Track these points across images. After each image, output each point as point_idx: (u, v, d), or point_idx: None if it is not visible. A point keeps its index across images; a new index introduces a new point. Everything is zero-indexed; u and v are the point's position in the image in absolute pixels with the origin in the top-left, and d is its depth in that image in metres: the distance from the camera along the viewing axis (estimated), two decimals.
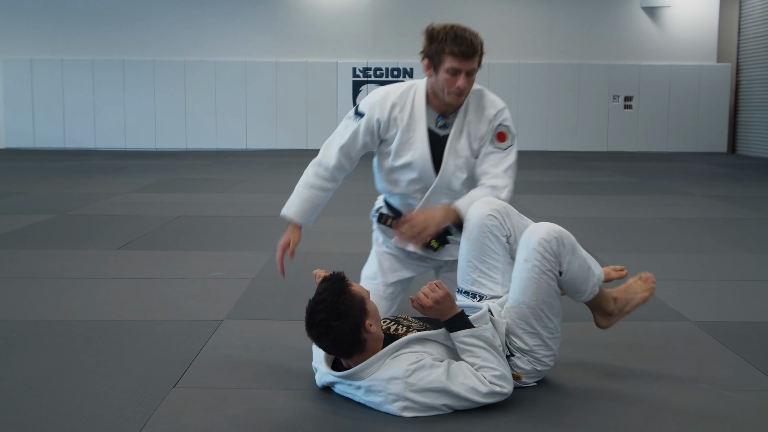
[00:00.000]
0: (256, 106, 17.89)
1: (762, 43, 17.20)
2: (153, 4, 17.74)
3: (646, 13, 18.07)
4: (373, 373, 2.81)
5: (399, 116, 3.48)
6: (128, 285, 4.88)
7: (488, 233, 3.19)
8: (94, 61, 17.68)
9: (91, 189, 9.87)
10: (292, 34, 17.92)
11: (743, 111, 18.11)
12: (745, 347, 3.65)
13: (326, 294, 2.80)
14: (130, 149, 17.71)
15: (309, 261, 5.53)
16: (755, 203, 8.93)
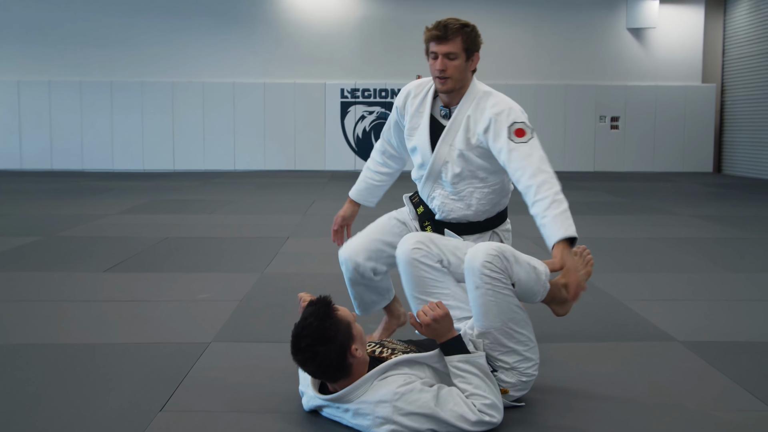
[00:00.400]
0: (244, 127, 17.90)
1: (746, 63, 17.35)
2: (141, 26, 17.76)
3: (631, 34, 18.20)
4: (361, 395, 2.79)
5: (411, 103, 3.70)
6: (115, 307, 4.86)
7: (419, 265, 3.25)
8: (81, 82, 17.67)
9: (78, 210, 9.84)
10: (281, 56, 17.97)
11: (728, 131, 18.23)
12: (733, 367, 3.66)
13: (312, 319, 2.78)
14: (118, 170, 17.67)
15: (297, 282, 5.53)
16: (742, 222, 8.97)
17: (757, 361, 3.79)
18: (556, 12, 18.11)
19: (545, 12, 18.06)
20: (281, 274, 5.91)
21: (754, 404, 3.20)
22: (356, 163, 17.98)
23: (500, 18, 18.03)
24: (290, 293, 5.19)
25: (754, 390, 3.34)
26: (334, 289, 5.16)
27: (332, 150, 18.00)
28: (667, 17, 18.10)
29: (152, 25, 17.78)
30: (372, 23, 17.96)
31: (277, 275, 5.85)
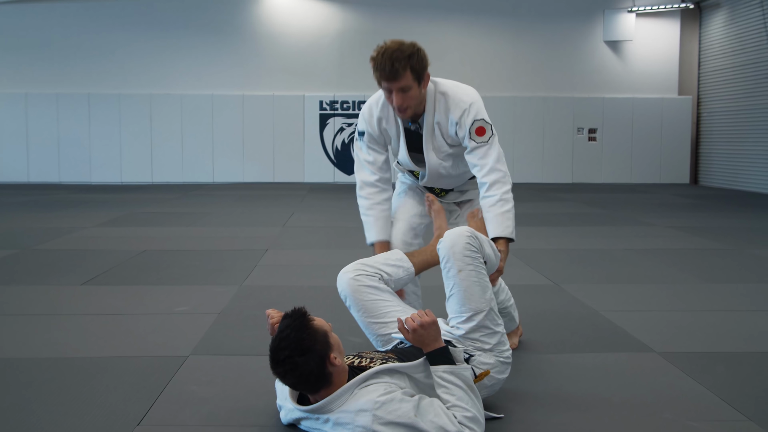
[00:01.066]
0: (222, 140, 17.86)
1: (722, 76, 17.52)
2: (119, 38, 17.70)
3: (608, 47, 18.34)
4: (341, 405, 2.78)
5: (387, 127, 3.89)
6: (92, 321, 4.83)
7: (363, 289, 3.40)
8: (59, 94, 17.59)
9: (55, 223, 9.77)
10: (259, 68, 17.97)
11: (705, 142, 18.39)
12: (709, 378, 3.68)
13: (289, 330, 2.77)
14: (95, 183, 17.58)
15: (276, 295, 5.52)
16: (718, 233, 9.04)
17: (734, 371, 3.81)
18: (534, 25, 18.22)
19: (524, 25, 18.17)
20: (260, 286, 5.90)
21: (731, 414, 3.22)
22: (335, 175, 17.97)
23: (479, 31, 18.12)
24: (269, 306, 5.17)
25: (731, 400, 3.36)
26: (313, 302, 5.16)
27: (311, 162, 18.00)
28: (643, 30, 18.26)
29: (130, 37, 17.72)
30: (350, 35, 17.99)
31: (256, 288, 5.83)
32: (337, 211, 11.69)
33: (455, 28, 18.03)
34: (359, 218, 4.15)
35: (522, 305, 5.23)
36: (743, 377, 3.72)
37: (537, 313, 5.02)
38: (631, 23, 18.10)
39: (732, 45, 17.06)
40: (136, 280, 6.16)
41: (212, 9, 17.79)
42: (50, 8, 17.55)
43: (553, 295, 5.63)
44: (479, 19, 18.12)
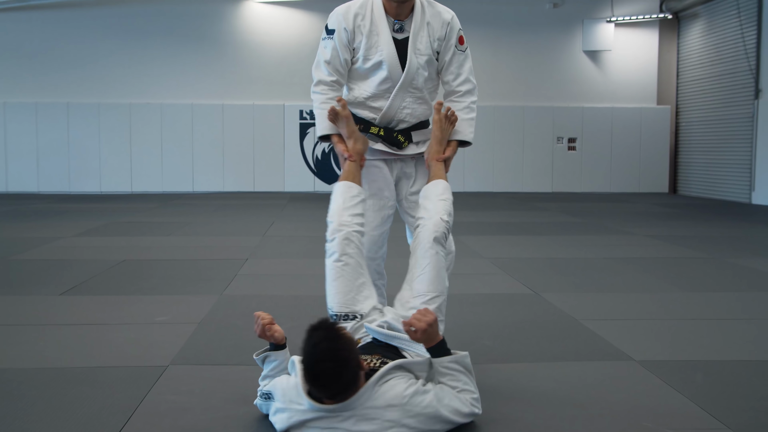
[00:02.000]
0: (202, 149, 17.82)
1: (699, 86, 17.67)
2: (98, 47, 17.64)
3: (588, 56, 18.46)
4: (366, 402, 2.85)
5: (362, 23, 3.90)
6: (71, 331, 4.79)
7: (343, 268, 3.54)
8: (37, 103, 17.49)
9: (33, 233, 9.71)
10: (239, 77, 17.95)
11: (683, 152, 18.53)
12: (689, 386, 3.70)
13: (326, 342, 2.79)
14: (74, 193, 17.49)
15: (256, 304, 5.50)
16: (696, 242, 9.10)
17: (713, 379, 3.83)
18: (514, 35, 18.31)
19: (503, 35, 18.26)
20: (240, 296, 5.88)
21: (710, 423, 3.23)
22: (315, 185, 17.96)
23: None
24: (249, 315, 5.16)
25: (710, 409, 3.38)
26: (294, 311, 5.15)
27: (291, 172, 17.98)
28: (622, 40, 18.39)
29: (109, 46, 17.66)
30: None
31: (236, 297, 5.82)
32: (317, 220, 11.66)
33: None
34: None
35: (502, 314, 5.25)
36: (722, 386, 3.74)
37: (517, 322, 5.03)
38: (610, 33, 18.23)
39: (710, 55, 17.21)
40: (115, 290, 6.13)
41: (192, 18, 17.76)
42: (29, 17, 17.47)
43: (533, 304, 5.64)
44: None
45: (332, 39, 3.92)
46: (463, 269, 6.79)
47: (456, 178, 17.87)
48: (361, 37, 3.89)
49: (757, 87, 15.29)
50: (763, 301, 5.84)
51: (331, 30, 3.94)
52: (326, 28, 3.98)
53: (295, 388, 2.96)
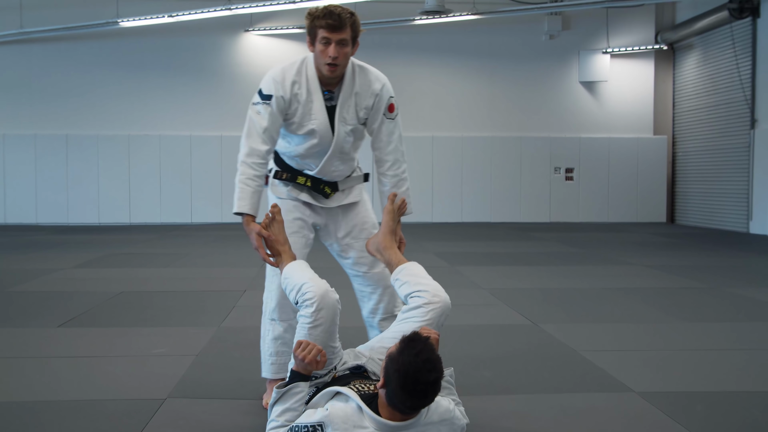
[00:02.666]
0: (201, 180, 17.84)
1: (695, 116, 17.76)
2: (96, 79, 17.71)
3: (584, 87, 18.55)
4: (428, 417, 2.98)
5: (299, 92, 3.85)
6: (68, 363, 4.78)
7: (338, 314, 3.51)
8: (36, 135, 17.53)
9: (31, 265, 9.70)
10: (237, 108, 17.93)
11: (680, 182, 18.58)
12: (689, 417, 3.69)
13: (427, 354, 2.86)
14: (72, 224, 17.48)
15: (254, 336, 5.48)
16: (695, 272, 9.10)
17: (714, 410, 3.83)
18: (510, 66, 18.41)
19: (500, 66, 18.35)
20: (238, 328, 5.87)
21: None
22: None
23: (456, 71, 18.28)
24: (247, 348, 5.15)
25: None
26: None
27: None
28: (618, 71, 18.49)
29: (108, 78, 17.73)
30: None
31: (234, 329, 5.80)
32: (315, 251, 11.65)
33: (431, 69, 18.18)
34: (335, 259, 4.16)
35: (500, 345, 5.24)
36: (722, 416, 3.73)
37: (515, 352, 5.02)
38: (606, 64, 18.33)
39: (705, 85, 17.31)
40: (113, 322, 6.11)
41: (190, 50, 17.85)
42: (28, 49, 17.55)
43: (531, 334, 5.63)
44: (456, 60, 18.28)
45: (269, 105, 3.84)
46: (462, 300, 6.78)
47: (453, 208, 17.89)
48: (297, 105, 3.85)
49: (752, 117, 15.36)
50: (762, 331, 5.84)
51: (267, 95, 3.86)
52: (260, 93, 3.89)
53: (357, 412, 2.96)
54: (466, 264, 9.70)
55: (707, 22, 16.47)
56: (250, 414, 3.74)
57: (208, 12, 15.68)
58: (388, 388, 2.87)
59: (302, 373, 3.21)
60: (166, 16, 15.79)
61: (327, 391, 3.13)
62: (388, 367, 2.88)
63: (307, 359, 3.15)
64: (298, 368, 3.20)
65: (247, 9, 15.57)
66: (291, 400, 3.16)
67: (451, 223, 17.25)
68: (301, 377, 3.21)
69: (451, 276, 8.52)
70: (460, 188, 17.95)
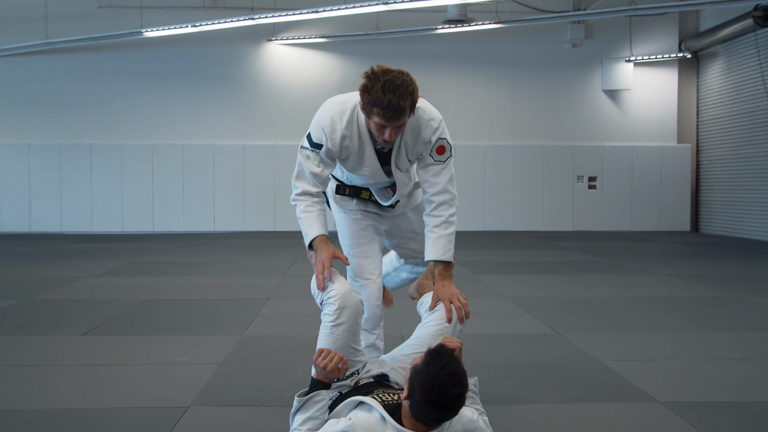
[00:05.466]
0: (223, 189, 17.92)
1: (720, 124, 17.64)
2: (121, 88, 17.85)
3: (607, 96, 18.48)
4: (451, 427, 3.01)
5: (349, 145, 3.76)
6: (93, 372, 4.81)
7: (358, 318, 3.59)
8: (61, 144, 17.68)
9: (56, 273, 9.77)
10: (260, 117, 18.09)
11: (705, 190, 18.45)
12: (714, 428, 3.66)
13: (452, 367, 2.87)
14: (96, 233, 17.60)
15: (277, 345, 5.50)
16: (719, 282, 9.03)
17: (738, 420, 3.79)
18: (533, 74, 18.38)
19: (523, 74, 18.32)
20: (261, 336, 5.88)
21: None
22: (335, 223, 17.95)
23: (479, 80, 18.27)
24: (269, 356, 5.16)
25: None
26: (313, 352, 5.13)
27: None
28: (641, 79, 18.41)
29: (132, 88, 17.87)
30: (351, 85, 17.93)
31: (257, 337, 5.82)
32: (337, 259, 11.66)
33: (454, 78, 18.18)
34: None
35: (522, 354, 5.22)
36: (748, 427, 3.69)
37: (538, 361, 5.00)
38: (629, 72, 18.26)
39: (729, 94, 17.20)
40: (136, 330, 6.14)
41: (214, 59, 17.96)
42: (53, 60, 17.73)
43: (555, 343, 5.60)
44: (478, 69, 18.28)
45: (319, 153, 3.79)
46: (485, 309, 6.76)
47: (476, 217, 17.86)
48: (348, 154, 3.79)
49: None
50: None
51: (317, 144, 3.78)
52: (310, 140, 3.80)
53: (381, 422, 2.97)
54: (488, 273, 9.67)
55: (731, 30, 16.35)
56: (274, 421, 3.74)
57: (232, 22, 15.76)
58: (413, 400, 2.87)
59: (323, 381, 3.21)
60: (190, 26, 15.89)
61: (350, 401, 3.13)
62: (413, 379, 2.88)
63: (328, 367, 3.16)
64: (319, 376, 3.21)
65: (270, 19, 15.64)
66: (313, 408, 3.16)
67: (473, 232, 17.21)
68: (322, 385, 3.21)
69: (474, 285, 8.50)
70: (483, 197, 17.92)
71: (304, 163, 3.84)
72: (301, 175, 3.88)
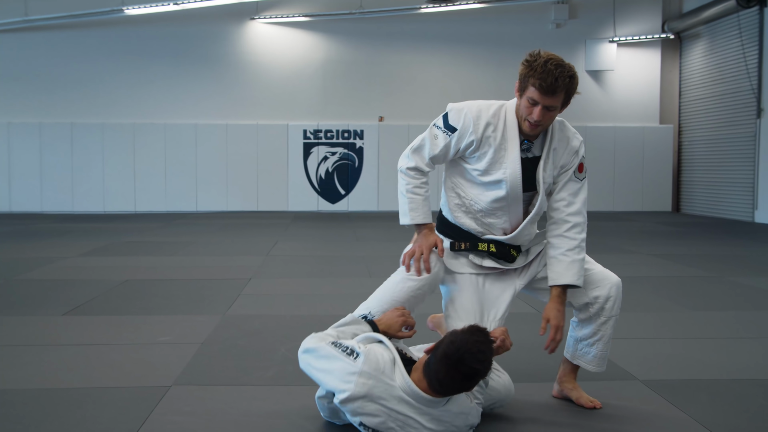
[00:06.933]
0: (206, 168, 17.84)
1: (702, 105, 17.70)
2: (102, 67, 17.71)
3: (590, 76, 18.50)
4: (447, 405, 3.06)
5: (493, 135, 3.54)
6: (74, 351, 4.79)
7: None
8: (41, 123, 17.54)
9: (37, 253, 9.72)
10: (243, 97, 18.00)
11: (686, 171, 18.53)
12: (692, 405, 3.69)
13: (485, 347, 2.93)
14: (77, 212, 17.51)
15: (259, 324, 5.50)
16: (700, 261, 9.09)
17: (718, 399, 3.82)
18: (517, 55, 18.22)
19: (506, 54, 18.28)
20: (243, 315, 5.87)
21: None
22: (319, 204, 17.97)
23: (463, 60, 18.25)
24: (252, 335, 5.16)
25: (714, 428, 3.37)
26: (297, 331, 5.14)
27: (295, 191, 18.00)
28: (624, 60, 18.44)
29: (114, 66, 17.73)
30: (334, 65, 18.08)
31: (239, 317, 5.81)
32: (320, 239, 11.68)
33: (438, 58, 18.15)
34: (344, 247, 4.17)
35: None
36: (727, 405, 3.73)
37: (519, 341, 5.02)
38: (612, 53, 18.28)
39: (712, 75, 17.25)
40: (118, 310, 6.13)
41: (196, 38, 17.84)
42: (33, 37, 17.56)
43: (536, 322, 5.61)
44: (463, 49, 18.25)
45: (449, 137, 3.56)
46: None
47: None
48: (487, 149, 3.53)
49: (759, 106, 15.30)
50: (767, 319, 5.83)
51: (452, 127, 3.56)
52: (446, 120, 3.59)
53: (391, 364, 3.04)
54: None
55: (714, 11, 16.40)
56: (256, 399, 3.74)
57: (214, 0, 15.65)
58: (434, 353, 2.95)
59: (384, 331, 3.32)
60: (172, 3, 15.79)
61: (371, 336, 3.22)
62: (446, 336, 2.97)
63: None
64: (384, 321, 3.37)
65: None
66: (354, 325, 3.33)
67: None
68: (374, 327, 3.32)
69: None
70: None
71: (429, 139, 3.62)
72: (421, 150, 3.64)
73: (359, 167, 17.96)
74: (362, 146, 17.94)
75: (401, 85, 18.02)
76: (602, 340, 3.69)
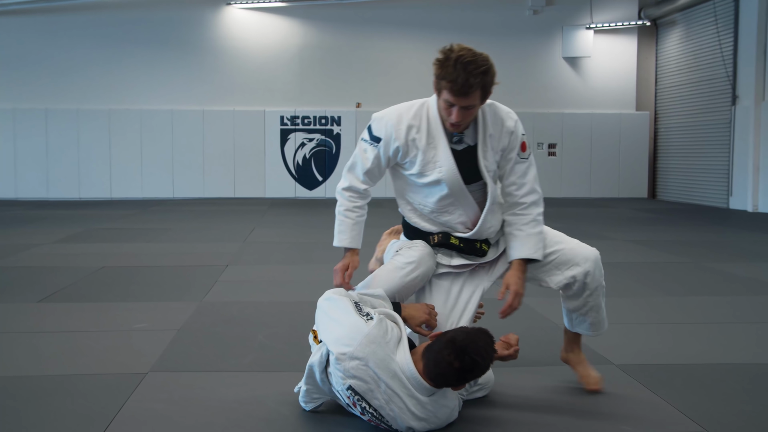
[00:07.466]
0: (182, 155, 17.74)
1: (677, 92, 17.80)
2: (77, 52, 17.54)
3: (567, 63, 18.54)
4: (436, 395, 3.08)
5: (417, 137, 3.49)
6: (48, 339, 4.76)
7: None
8: (15, 109, 17.36)
9: (11, 240, 9.63)
10: (220, 83, 17.90)
11: (662, 157, 18.65)
12: (667, 389, 3.72)
13: (489, 346, 2.99)
14: (53, 199, 17.37)
15: (236, 311, 5.49)
16: (675, 247, 9.15)
17: (691, 382, 3.86)
18: (494, 41, 18.33)
19: (483, 41, 18.18)
20: (220, 302, 5.86)
21: (689, 426, 3.25)
22: (296, 191, 17.92)
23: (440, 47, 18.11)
24: (229, 322, 5.15)
25: (688, 411, 3.40)
26: (274, 317, 5.14)
27: (272, 177, 17.94)
28: (601, 47, 18.49)
29: (89, 52, 17.57)
30: (311, 50, 18.00)
31: (216, 304, 5.79)
32: (298, 226, 11.66)
33: (415, 45, 18.11)
34: (321, 234, 4.15)
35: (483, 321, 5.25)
36: (701, 389, 3.76)
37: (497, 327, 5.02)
38: (589, 40, 18.32)
39: (688, 62, 17.34)
40: (93, 297, 6.09)
41: (172, 24, 17.71)
42: (6, 22, 17.36)
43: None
44: (439, 35, 18.17)
45: (377, 148, 3.53)
46: None
47: None
48: (416, 152, 3.49)
49: (734, 93, 15.40)
50: (742, 304, 5.89)
51: (376, 137, 3.53)
52: (370, 132, 3.57)
53: (397, 341, 3.09)
54: None
55: None
56: (233, 386, 3.74)
57: None
58: (439, 339, 3.01)
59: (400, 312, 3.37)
60: None
61: (391, 313, 3.26)
62: (455, 329, 3.09)
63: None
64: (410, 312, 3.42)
65: None
66: (378, 299, 3.36)
67: None
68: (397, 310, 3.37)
69: None
70: None
71: (359, 155, 3.60)
72: (353, 168, 3.63)
73: (336, 154, 17.93)
74: (339, 132, 17.90)
75: (379, 71, 17.97)
76: (593, 309, 3.74)
